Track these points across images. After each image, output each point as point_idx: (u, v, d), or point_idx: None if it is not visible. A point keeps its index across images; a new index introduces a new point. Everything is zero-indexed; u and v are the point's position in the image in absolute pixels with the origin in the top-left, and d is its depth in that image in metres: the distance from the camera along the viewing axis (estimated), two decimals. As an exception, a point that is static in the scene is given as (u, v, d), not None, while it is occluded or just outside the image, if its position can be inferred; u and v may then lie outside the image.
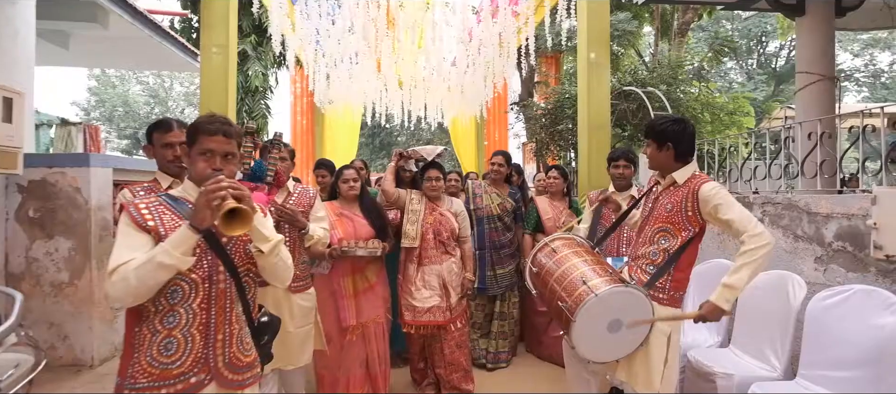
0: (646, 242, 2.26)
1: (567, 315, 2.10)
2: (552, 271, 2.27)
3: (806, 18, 4.53)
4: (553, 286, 2.23)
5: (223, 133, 1.51)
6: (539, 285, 2.36)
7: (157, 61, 9.68)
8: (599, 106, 4.92)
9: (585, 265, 2.21)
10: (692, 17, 9.10)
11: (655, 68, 7.22)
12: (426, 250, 3.24)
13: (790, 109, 8.06)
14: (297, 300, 2.62)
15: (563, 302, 2.14)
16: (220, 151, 1.51)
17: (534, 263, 2.42)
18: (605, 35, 5.00)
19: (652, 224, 2.26)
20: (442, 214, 3.32)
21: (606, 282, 2.11)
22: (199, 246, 1.47)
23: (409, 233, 3.25)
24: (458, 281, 3.28)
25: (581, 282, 2.13)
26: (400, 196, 3.35)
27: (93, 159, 4.03)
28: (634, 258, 2.31)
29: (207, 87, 4.77)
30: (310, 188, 2.78)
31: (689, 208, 2.14)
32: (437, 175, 3.35)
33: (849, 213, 3.24)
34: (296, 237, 2.61)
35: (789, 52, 22.21)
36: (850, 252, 3.22)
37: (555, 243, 2.40)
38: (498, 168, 3.97)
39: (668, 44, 9.79)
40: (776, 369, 2.74)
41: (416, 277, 3.23)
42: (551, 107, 7.60)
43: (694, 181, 2.17)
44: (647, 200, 2.39)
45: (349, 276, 3.06)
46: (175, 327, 1.45)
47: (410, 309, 3.21)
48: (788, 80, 20.73)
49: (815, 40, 4.55)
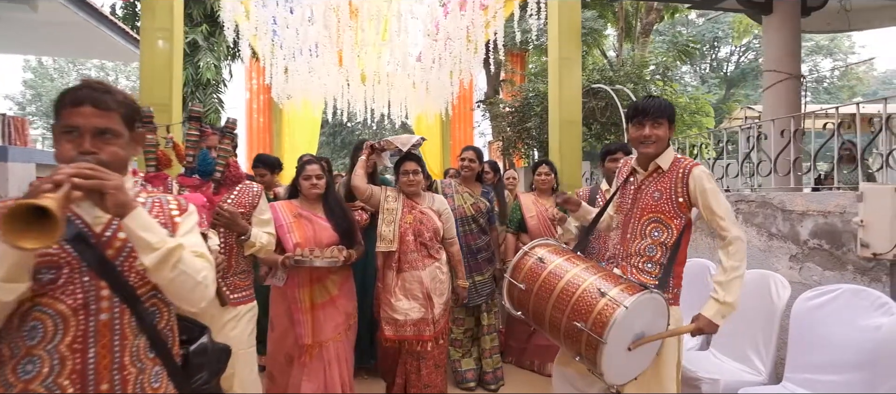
0: (636, 236, 2.06)
1: (592, 337, 1.75)
2: (549, 286, 1.91)
3: (774, 17, 4.55)
4: (556, 305, 1.87)
5: (93, 103, 1.12)
6: (531, 305, 1.97)
7: (97, 50, 8.94)
8: (571, 102, 4.82)
9: (590, 273, 1.90)
10: (656, 18, 9.22)
11: (622, 67, 7.22)
12: (406, 254, 2.86)
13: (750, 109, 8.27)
14: (236, 314, 2.26)
15: (580, 321, 1.78)
16: (90, 128, 1.11)
17: (516, 278, 2.02)
18: (576, 31, 4.91)
19: (639, 217, 2.07)
20: (422, 213, 2.92)
21: (625, 290, 1.80)
22: (66, 262, 1.10)
23: (385, 235, 2.85)
24: (442, 289, 2.89)
25: (598, 293, 1.80)
26: (373, 193, 2.95)
27: (12, 153, 3.58)
28: (626, 257, 2.09)
29: (148, 78, 4.24)
30: (253, 185, 2.39)
31: (678, 194, 1.99)
32: (415, 168, 2.94)
33: (825, 210, 3.19)
34: (233, 243, 2.26)
35: (739, 57, 23.14)
36: (827, 250, 3.18)
37: (539, 252, 2.04)
38: (469, 164, 3.60)
39: (632, 44, 9.89)
40: (761, 372, 2.64)
41: (395, 285, 2.84)
42: (518, 105, 7.49)
43: (680, 164, 2.03)
44: (624, 192, 2.18)
45: (306, 287, 2.66)
46: (33, 379, 1.07)
47: (391, 322, 2.82)
48: (739, 84, 21.58)
49: (781, 39, 4.57)
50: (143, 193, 1.27)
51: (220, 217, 2.14)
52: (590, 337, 1.76)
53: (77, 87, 1.15)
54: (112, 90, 1.17)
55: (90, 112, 1.12)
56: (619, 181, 2.25)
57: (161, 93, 4.23)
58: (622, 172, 2.27)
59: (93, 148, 1.11)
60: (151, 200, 1.26)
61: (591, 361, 1.78)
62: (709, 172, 2.04)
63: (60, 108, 1.14)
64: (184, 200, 1.32)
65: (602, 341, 1.71)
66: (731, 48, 22.64)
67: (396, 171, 3.02)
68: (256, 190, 2.35)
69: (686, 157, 2.12)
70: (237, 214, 2.19)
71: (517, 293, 2.02)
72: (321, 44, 6.52)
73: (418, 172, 2.95)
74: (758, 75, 21.54)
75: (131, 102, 1.21)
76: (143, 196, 1.26)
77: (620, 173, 2.28)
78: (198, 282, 1.17)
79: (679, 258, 2.03)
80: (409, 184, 2.93)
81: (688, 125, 7.98)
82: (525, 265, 2.02)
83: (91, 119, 1.12)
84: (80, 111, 1.12)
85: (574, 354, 1.85)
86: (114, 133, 1.15)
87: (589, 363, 1.82)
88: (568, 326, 1.83)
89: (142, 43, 4.33)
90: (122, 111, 1.17)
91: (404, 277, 2.85)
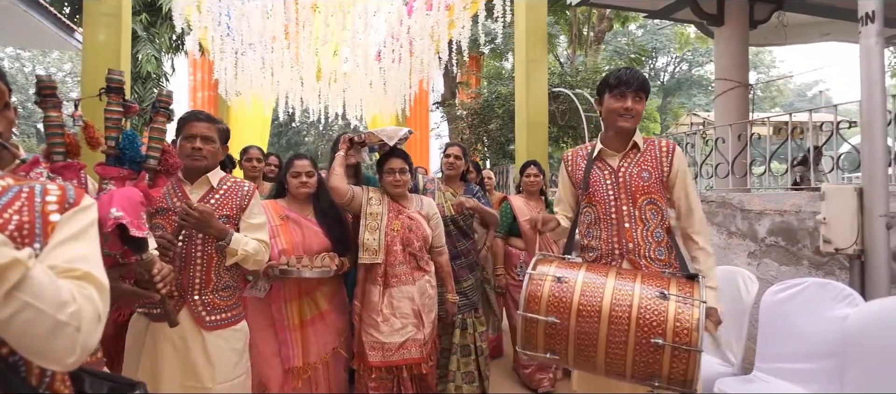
0: (638, 222, 1.86)
1: (680, 350, 1.47)
2: (593, 308, 1.55)
3: (725, 29, 4.83)
4: (614, 327, 1.53)
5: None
6: (572, 339, 1.56)
7: (15, 36, 8.10)
8: (537, 104, 4.90)
9: (626, 278, 1.62)
10: (607, 26, 9.59)
11: (579, 72, 7.44)
12: (393, 267, 2.48)
13: (696, 115, 8.77)
14: (217, 342, 1.85)
15: (658, 336, 1.48)
16: None
17: (537, 310, 1.59)
18: (542, 34, 4.99)
19: (632, 202, 1.88)
20: (411, 218, 2.57)
21: (678, 285, 1.57)
22: None
23: (369, 244, 2.47)
24: (432, 306, 2.57)
25: (660, 297, 1.53)
26: (355, 195, 2.56)
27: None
28: (633, 249, 1.87)
29: (92, 70, 3.90)
30: (245, 183, 2.02)
31: (664, 172, 1.89)
32: (403, 166, 2.58)
33: (781, 210, 3.42)
34: (212, 252, 1.88)
35: (674, 67, 24.55)
36: (783, 247, 3.40)
37: (549, 270, 1.68)
38: (454, 162, 3.32)
39: (582, 51, 10.22)
40: (733, 364, 2.76)
41: (381, 303, 2.46)
42: (478, 107, 7.54)
43: (655, 142, 1.94)
44: (595, 182, 1.96)
45: (294, 301, 2.37)
46: None
47: (377, 347, 2.43)
48: (675, 92, 22.88)
49: (731, 50, 4.86)
50: (4, 179, 0.89)
51: (190, 217, 1.76)
52: (676, 351, 1.46)
53: None
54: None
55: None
56: (575, 174, 2.03)
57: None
58: (576, 163, 2.05)
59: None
60: (18, 189, 0.87)
61: (681, 379, 1.47)
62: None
63: None
64: (78, 192, 0.93)
65: (697, 349, 1.45)
66: (667, 59, 23.96)
67: (379, 169, 2.66)
68: (247, 189, 1.99)
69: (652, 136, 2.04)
70: (209, 212, 1.80)
71: (546, 330, 1.59)
72: (278, 38, 6.26)
73: (406, 170, 2.60)
74: (691, 85, 22.95)
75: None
76: (2, 183, 0.88)
77: (570, 165, 2.07)
78: (58, 323, 0.72)
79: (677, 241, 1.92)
80: (396, 184, 2.57)
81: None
82: (542, 292, 1.61)
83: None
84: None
85: (649, 378, 1.50)
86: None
87: (677, 386, 1.49)
88: (640, 346, 1.49)
89: (85, 30, 3.97)
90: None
91: (392, 292, 2.49)
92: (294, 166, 2.46)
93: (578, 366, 1.62)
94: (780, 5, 4.88)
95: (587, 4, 5.34)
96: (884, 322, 2.11)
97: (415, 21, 5.75)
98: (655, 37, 21.20)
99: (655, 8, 5.41)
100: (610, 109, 1.89)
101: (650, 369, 1.49)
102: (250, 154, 3.50)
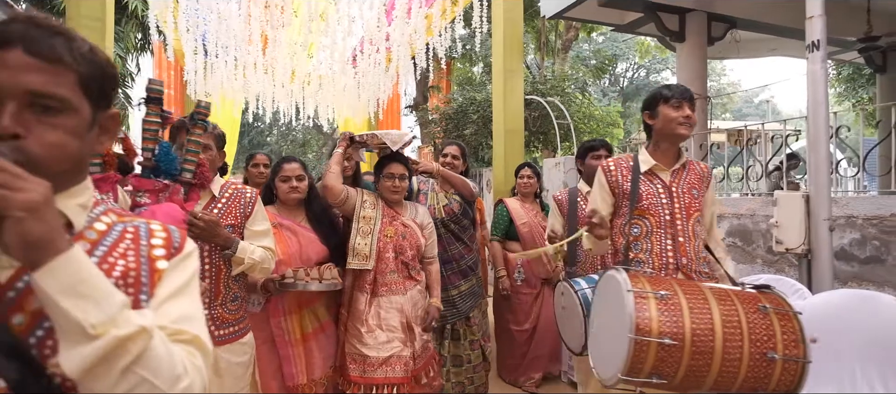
0: (690, 238, 1.91)
1: (791, 364, 1.46)
2: (706, 326, 1.46)
3: (685, 45, 5.21)
4: (729, 343, 1.44)
5: (29, 46, 0.65)
6: (685, 361, 1.44)
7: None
8: (514, 112, 5.09)
9: (719, 293, 1.57)
10: (574, 35, 9.99)
11: (549, 80, 7.75)
12: (384, 275, 2.40)
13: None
14: (225, 356, 1.81)
15: (772, 350, 1.45)
16: (18, 89, 0.64)
17: (650, 332, 1.44)
18: (519, 44, 5.20)
19: (686, 218, 1.92)
20: (405, 226, 2.51)
21: (764, 296, 1.59)
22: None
23: (360, 249, 2.37)
24: (422, 316, 2.50)
25: (761, 310, 1.52)
26: (349, 197, 2.46)
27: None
28: (686, 265, 1.88)
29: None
30: (247, 190, 1.98)
31: (702, 191, 1.99)
32: (403, 172, 2.52)
33: (739, 213, 3.77)
34: (220, 263, 1.82)
35: (633, 73, 25.53)
36: (740, 246, 3.76)
37: (646, 288, 1.54)
38: (451, 161, 3.19)
39: (552, 59, 10.61)
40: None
41: (367, 312, 2.35)
42: (452, 113, 7.74)
43: (694, 163, 2.05)
44: (649, 195, 1.96)
45: (294, 314, 2.25)
46: None
47: (359, 360, 2.30)
48: (634, 98, 23.79)
49: (691, 64, 5.25)
50: (109, 215, 0.76)
51: (194, 227, 1.68)
52: (787, 363, 1.44)
53: (4, 21, 0.66)
54: (65, 32, 0.68)
55: (22, 61, 0.64)
56: (619, 184, 2.02)
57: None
58: (621, 174, 2.02)
59: (16, 127, 0.62)
60: (122, 227, 0.75)
61: (786, 391, 1.47)
62: None
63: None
64: (181, 233, 0.80)
65: (807, 360, 1.46)
66: (626, 64, 24.92)
67: (377, 172, 2.60)
68: (250, 196, 1.95)
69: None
70: (216, 221, 1.74)
71: (658, 353, 1.44)
72: (254, 40, 6.26)
73: (405, 177, 2.53)
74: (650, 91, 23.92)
75: (102, 59, 0.72)
76: (107, 220, 0.75)
77: (613, 175, 2.04)
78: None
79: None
80: (394, 190, 2.51)
81: (602, 136, 8.76)
82: (650, 312, 1.47)
83: (22, 74, 0.63)
84: (3, 58, 0.64)
85: (754, 392, 1.47)
86: (60, 105, 0.66)
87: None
88: (754, 361, 1.44)
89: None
90: (81, 70, 0.68)
91: (380, 302, 2.38)
92: (283, 170, 2.33)
93: (683, 388, 1.49)
94: (733, 24, 5.31)
95: (560, 18, 5.61)
96: (827, 314, 2.42)
97: (394, 28, 5.88)
98: (616, 44, 22.07)
99: (622, 23, 5.76)
100: (668, 118, 1.91)
101: (759, 384, 1.47)
102: (257, 160, 3.30)
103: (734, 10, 5.09)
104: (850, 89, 11.95)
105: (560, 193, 2.87)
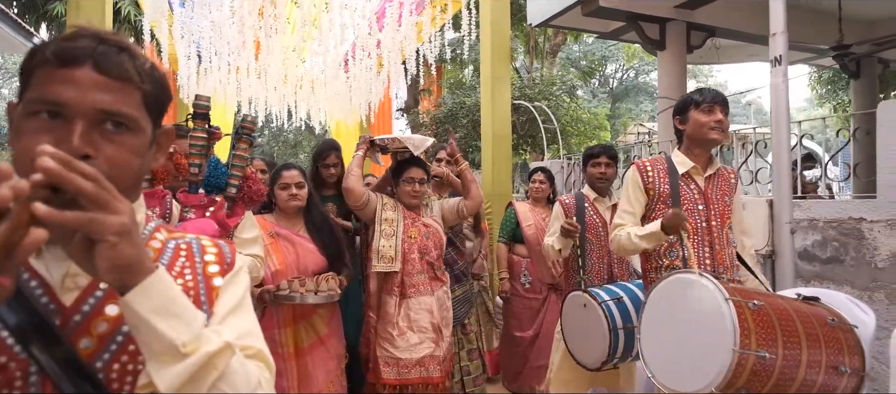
0: (725, 245, 1.91)
1: (854, 377, 1.49)
2: (792, 335, 1.44)
3: (666, 53, 5.41)
4: (811, 357, 1.45)
5: (98, 64, 0.63)
6: (778, 367, 1.40)
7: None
8: (501, 117, 5.26)
9: (792, 301, 1.59)
10: (562, 40, 10.19)
11: (537, 84, 7.94)
12: (411, 276, 2.40)
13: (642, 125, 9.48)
14: None
15: (841, 363, 1.47)
16: (88, 109, 0.62)
17: (750, 345, 1.38)
18: (506, 51, 5.38)
19: (721, 225, 1.91)
20: (427, 226, 2.51)
21: (824, 308, 1.61)
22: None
23: (384, 251, 2.36)
24: (449, 318, 2.50)
25: (828, 321, 1.54)
26: (370, 200, 2.45)
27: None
28: (723, 272, 1.87)
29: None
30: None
31: (732, 198, 1.98)
32: (423, 176, 2.51)
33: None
34: None
35: (622, 75, 25.83)
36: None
37: (735, 297, 1.47)
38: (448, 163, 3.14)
39: (539, 63, 10.80)
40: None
41: (397, 315, 2.36)
42: (443, 116, 7.90)
43: (722, 167, 2.03)
44: (686, 200, 1.92)
45: (289, 327, 2.19)
46: None
47: (392, 363, 2.31)
48: (623, 99, 24.10)
49: (672, 71, 5.45)
50: (161, 232, 0.76)
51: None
52: (852, 376, 1.46)
53: (70, 36, 0.64)
54: (129, 48, 0.67)
55: (92, 79, 0.62)
56: (656, 186, 1.95)
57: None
58: (657, 176, 1.96)
59: (86, 147, 0.60)
60: (175, 244, 0.75)
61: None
62: None
63: (32, 69, 0.64)
64: (231, 248, 0.80)
65: (867, 373, 1.49)
66: (616, 65, 25.21)
67: (396, 176, 2.59)
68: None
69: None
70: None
71: (753, 367, 1.40)
72: (248, 46, 6.38)
73: (425, 181, 2.52)
74: (639, 92, 24.25)
75: (161, 76, 0.71)
76: (160, 237, 0.75)
77: (649, 176, 1.98)
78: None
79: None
80: (414, 195, 2.49)
81: (589, 139, 8.96)
82: (748, 322, 1.41)
83: (91, 93, 0.62)
84: (72, 76, 0.61)
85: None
86: (128, 123, 0.65)
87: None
88: (828, 373, 1.46)
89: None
90: (145, 88, 0.67)
91: (409, 304, 2.39)
92: (282, 177, 2.28)
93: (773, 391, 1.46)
94: (712, 33, 5.52)
95: (546, 26, 5.79)
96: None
97: (385, 35, 6.03)
98: (605, 46, 22.33)
99: (606, 30, 5.96)
100: (700, 122, 1.88)
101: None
102: (253, 166, 3.05)
103: (712, 20, 5.30)
104: (830, 92, 12.25)
105: (567, 197, 2.88)
